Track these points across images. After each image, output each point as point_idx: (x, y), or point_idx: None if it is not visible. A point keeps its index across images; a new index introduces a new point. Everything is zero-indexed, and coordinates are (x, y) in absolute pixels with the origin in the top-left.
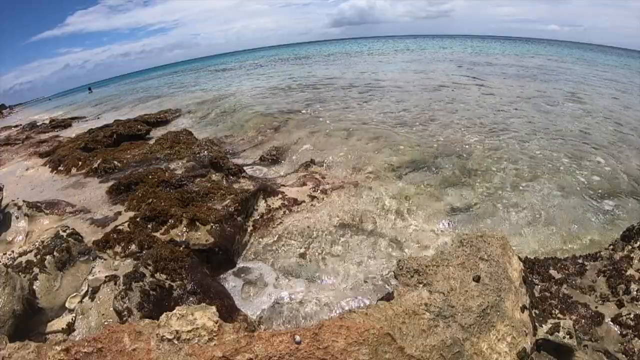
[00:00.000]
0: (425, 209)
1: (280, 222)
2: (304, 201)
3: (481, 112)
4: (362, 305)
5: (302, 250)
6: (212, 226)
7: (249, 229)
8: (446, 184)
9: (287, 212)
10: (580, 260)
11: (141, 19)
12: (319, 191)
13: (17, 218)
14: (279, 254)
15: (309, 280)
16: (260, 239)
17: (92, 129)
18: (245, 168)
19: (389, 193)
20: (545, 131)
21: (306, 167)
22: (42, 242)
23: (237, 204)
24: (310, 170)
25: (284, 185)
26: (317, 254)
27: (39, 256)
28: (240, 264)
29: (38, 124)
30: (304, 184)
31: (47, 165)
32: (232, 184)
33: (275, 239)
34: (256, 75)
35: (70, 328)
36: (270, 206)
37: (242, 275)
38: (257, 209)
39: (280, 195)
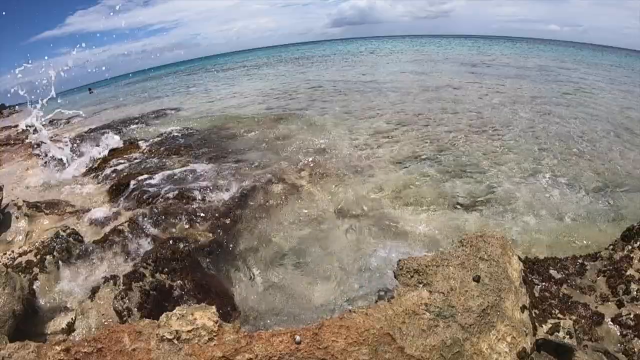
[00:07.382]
0: (425, 204)
1: (280, 212)
2: (302, 186)
3: (482, 112)
4: (362, 304)
5: (301, 243)
6: (212, 223)
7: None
8: (446, 181)
9: (286, 200)
10: (580, 260)
11: (141, 19)
12: (317, 178)
13: (17, 218)
14: (279, 247)
15: (307, 276)
16: (261, 232)
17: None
18: (243, 161)
19: (388, 186)
20: (546, 130)
21: (304, 156)
22: (42, 242)
23: (236, 202)
24: (309, 159)
25: (283, 175)
26: (316, 247)
27: (39, 256)
28: (241, 261)
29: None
30: (302, 170)
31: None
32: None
33: (275, 231)
34: (255, 75)
35: (70, 328)
36: (269, 197)
37: (243, 272)
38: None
39: (279, 185)
